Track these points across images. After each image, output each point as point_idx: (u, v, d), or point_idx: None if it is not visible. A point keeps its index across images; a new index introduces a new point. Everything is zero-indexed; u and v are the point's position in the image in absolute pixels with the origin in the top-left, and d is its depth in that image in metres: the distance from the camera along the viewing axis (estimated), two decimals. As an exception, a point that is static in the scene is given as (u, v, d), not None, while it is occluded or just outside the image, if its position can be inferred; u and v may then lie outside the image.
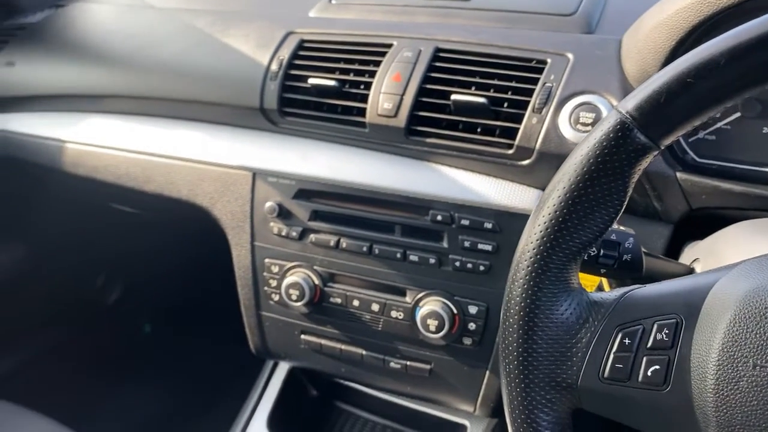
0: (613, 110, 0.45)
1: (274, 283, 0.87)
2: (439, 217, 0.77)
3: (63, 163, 1.04)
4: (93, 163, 1.00)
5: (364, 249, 0.81)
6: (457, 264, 0.77)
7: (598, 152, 0.45)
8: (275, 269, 0.87)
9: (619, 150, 0.45)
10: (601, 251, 0.57)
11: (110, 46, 1.02)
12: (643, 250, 0.58)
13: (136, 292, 1.62)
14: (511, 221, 0.75)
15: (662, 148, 0.45)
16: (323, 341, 0.88)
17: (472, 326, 0.78)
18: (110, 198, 1.20)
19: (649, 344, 0.46)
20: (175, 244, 1.47)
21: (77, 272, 1.56)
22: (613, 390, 0.47)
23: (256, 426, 0.93)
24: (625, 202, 0.47)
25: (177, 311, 1.62)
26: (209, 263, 1.12)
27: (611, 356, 0.47)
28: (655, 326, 0.46)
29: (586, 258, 0.60)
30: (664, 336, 0.46)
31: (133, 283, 1.61)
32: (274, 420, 0.94)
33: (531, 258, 0.48)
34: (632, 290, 0.49)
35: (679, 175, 0.68)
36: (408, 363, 0.83)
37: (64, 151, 1.03)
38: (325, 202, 0.83)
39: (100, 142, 0.99)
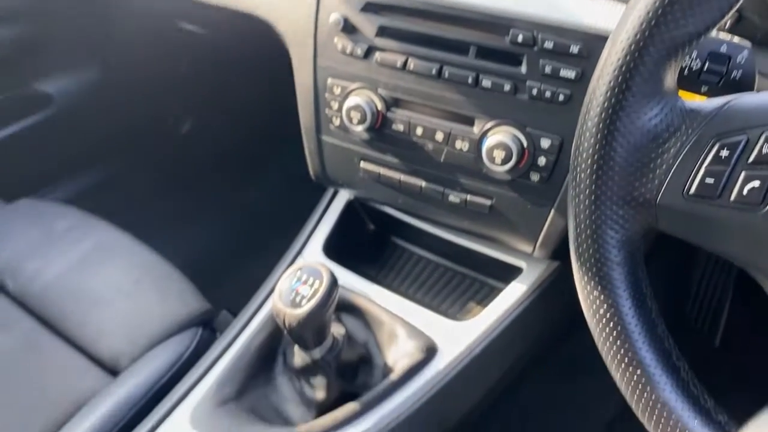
0: None
1: (335, 105, 0.83)
2: (520, 38, 0.69)
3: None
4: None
5: (433, 71, 0.75)
6: (534, 92, 0.70)
7: None
8: (337, 90, 0.82)
9: None
10: (707, 64, 0.49)
11: None
12: (758, 69, 0.50)
13: (205, 123, 1.64)
14: (601, 46, 0.66)
15: None
16: (382, 170, 0.84)
17: (542, 161, 0.72)
18: (178, 15, 1.16)
19: (752, 158, 0.40)
20: (241, 72, 1.44)
21: (149, 100, 1.58)
22: (698, 208, 0.42)
23: (311, 248, 0.94)
24: None
25: (243, 141, 1.64)
26: (275, 89, 1.09)
27: (702, 170, 0.41)
28: (763, 137, 0.39)
29: (686, 73, 0.52)
30: (773, 149, 0.39)
31: (203, 114, 1.63)
32: (329, 246, 0.94)
33: (624, 49, 0.41)
34: (738, 97, 0.41)
35: (817, -10, 0.56)
36: (468, 197, 0.79)
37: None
38: (395, 16, 0.76)
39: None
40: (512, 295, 0.84)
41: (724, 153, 0.40)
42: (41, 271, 1.02)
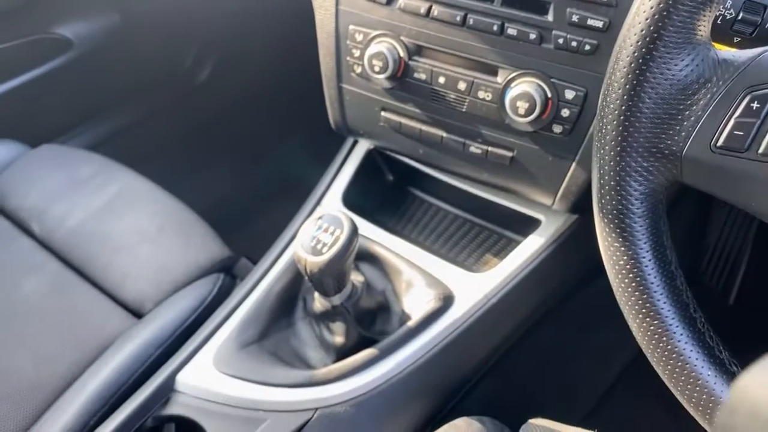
0: None
1: (357, 53, 0.82)
2: (547, -15, 0.68)
3: None
4: None
5: (458, 19, 0.74)
6: (561, 41, 0.69)
7: None
8: (359, 37, 0.81)
9: None
10: (741, 14, 0.48)
11: None
12: (794, 20, 0.48)
13: (224, 71, 1.63)
14: (632, -6, 0.64)
15: None
16: (403, 120, 0.84)
17: (565, 113, 0.71)
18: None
19: (783, 111, 0.39)
20: (262, 18, 1.43)
21: (169, 47, 1.57)
22: (725, 161, 0.41)
23: (330, 198, 0.95)
24: None
25: (263, 89, 1.63)
26: (298, 37, 1.07)
27: (731, 122, 0.41)
28: (796, 89, 0.38)
29: (719, 22, 0.51)
30: (805, 101, 0.38)
31: (222, 62, 1.61)
32: (348, 196, 0.95)
33: (657, -5, 0.40)
34: (774, 48, 0.40)
35: None
36: (489, 149, 0.79)
37: None
38: (420, -39, 0.75)
39: None
40: (530, 247, 0.85)
41: (755, 105, 0.40)
42: (66, 215, 1.04)
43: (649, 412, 1.01)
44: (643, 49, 0.41)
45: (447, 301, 0.81)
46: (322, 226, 0.71)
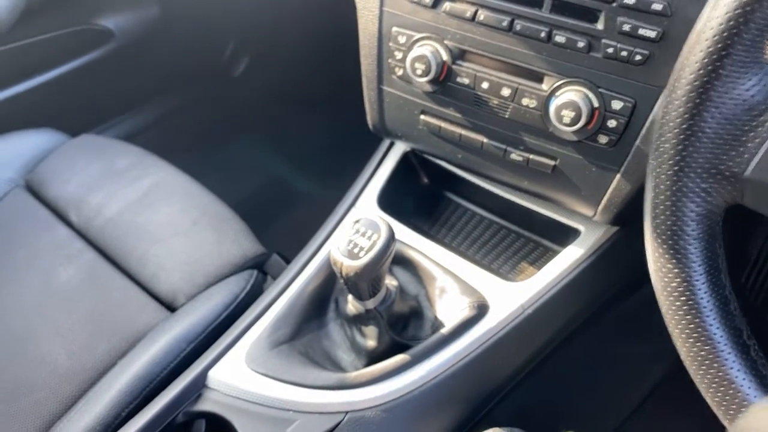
0: None
1: (399, 55, 0.82)
2: (598, -8, 0.66)
3: None
4: None
5: (504, 24, 0.72)
6: (610, 51, 0.67)
7: None
8: (402, 40, 0.80)
9: None
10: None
11: None
12: None
13: (260, 65, 1.63)
14: (688, 3, 0.62)
15: None
16: (443, 124, 0.83)
17: (612, 123, 0.70)
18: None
19: None
20: (302, 14, 1.43)
21: (206, 40, 1.58)
22: (791, 186, 0.40)
23: (365, 199, 0.94)
24: None
25: (300, 85, 1.63)
26: (336, 35, 1.07)
27: (800, 146, 0.39)
28: None
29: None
30: None
31: (259, 56, 1.62)
32: (383, 198, 0.94)
33: (728, 12, 0.39)
34: None
35: None
36: (531, 156, 0.78)
37: None
38: (467, -36, 0.73)
39: None
40: (568, 257, 0.83)
41: (827, 129, 0.38)
42: (103, 206, 1.06)
43: (683, 430, 0.99)
44: (709, 67, 0.40)
45: (481, 310, 0.80)
46: (359, 229, 0.70)
